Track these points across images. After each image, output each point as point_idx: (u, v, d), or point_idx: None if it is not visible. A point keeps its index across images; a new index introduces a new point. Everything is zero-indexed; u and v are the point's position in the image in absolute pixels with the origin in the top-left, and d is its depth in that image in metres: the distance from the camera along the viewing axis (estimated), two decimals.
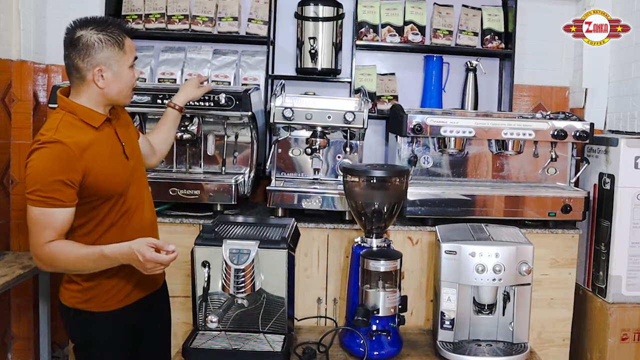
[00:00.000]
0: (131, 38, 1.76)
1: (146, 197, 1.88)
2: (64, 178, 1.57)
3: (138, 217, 1.81)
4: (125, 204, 1.76)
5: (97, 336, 1.80)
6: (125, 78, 1.72)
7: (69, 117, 1.67)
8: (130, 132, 1.88)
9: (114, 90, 1.71)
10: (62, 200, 1.59)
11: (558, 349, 2.65)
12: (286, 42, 3.31)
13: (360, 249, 1.77)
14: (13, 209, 3.02)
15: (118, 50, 1.69)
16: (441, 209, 2.55)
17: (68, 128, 1.64)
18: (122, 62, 1.71)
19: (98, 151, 1.66)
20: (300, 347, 1.71)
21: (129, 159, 1.78)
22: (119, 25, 1.72)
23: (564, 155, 2.72)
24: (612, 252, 2.59)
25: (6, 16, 2.92)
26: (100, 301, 1.77)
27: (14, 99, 3.00)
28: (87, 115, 1.68)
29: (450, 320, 1.74)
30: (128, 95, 1.77)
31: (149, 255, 1.55)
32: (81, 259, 1.61)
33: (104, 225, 1.72)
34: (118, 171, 1.73)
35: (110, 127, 1.76)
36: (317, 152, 2.61)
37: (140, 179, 1.86)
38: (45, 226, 1.59)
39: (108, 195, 1.70)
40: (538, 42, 3.36)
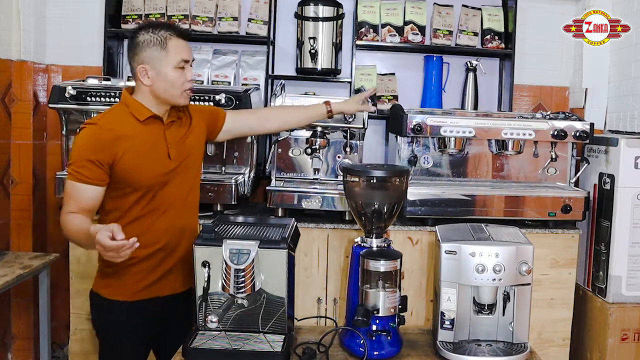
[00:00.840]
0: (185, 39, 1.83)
1: (188, 202, 1.92)
2: (93, 157, 1.72)
3: (168, 218, 1.86)
4: (155, 201, 1.83)
5: (111, 324, 1.89)
6: (170, 77, 1.79)
7: (121, 108, 1.84)
8: (189, 134, 1.92)
9: (160, 89, 1.80)
10: (88, 177, 1.72)
11: (558, 349, 2.65)
12: (286, 42, 3.31)
13: (360, 249, 1.77)
14: (13, 209, 3.02)
15: (160, 50, 1.78)
16: (441, 209, 2.55)
17: (114, 116, 1.81)
18: (165, 62, 1.79)
19: (135, 142, 1.78)
20: (300, 347, 1.71)
21: (172, 160, 1.85)
22: (168, 27, 1.81)
23: (564, 155, 2.72)
24: (612, 252, 2.59)
25: (6, 16, 2.92)
26: (116, 289, 1.86)
27: (14, 99, 3.00)
28: (136, 109, 1.81)
29: (450, 320, 1.74)
30: (178, 95, 1.83)
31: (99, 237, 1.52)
32: (77, 232, 1.70)
33: (130, 216, 1.81)
34: (152, 166, 1.80)
35: (160, 126, 1.85)
36: (317, 152, 2.61)
37: (185, 181, 1.90)
38: (70, 198, 1.75)
39: (135, 185, 1.79)
40: (538, 42, 3.36)
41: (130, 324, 1.87)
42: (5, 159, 2.98)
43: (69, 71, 3.20)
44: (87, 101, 2.51)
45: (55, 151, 3.11)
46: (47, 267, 2.69)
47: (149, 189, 1.81)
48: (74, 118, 2.61)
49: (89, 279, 1.95)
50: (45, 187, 3.16)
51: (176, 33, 1.81)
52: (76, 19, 3.20)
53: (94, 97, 2.51)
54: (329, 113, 2.24)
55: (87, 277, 2.55)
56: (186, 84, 1.83)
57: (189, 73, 1.84)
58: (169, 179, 1.85)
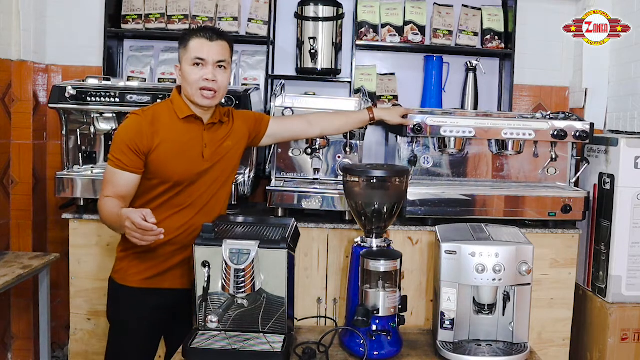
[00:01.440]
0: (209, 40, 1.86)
1: (215, 204, 1.97)
2: (131, 144, 1.81)
3: (185, 216, 1.91)
4: (180, 196, 1.89)
5: (120, 308, 1.96)
6: (187, 76, 1.86)
7: (167, 104, 1.93)
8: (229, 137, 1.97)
9: (183, 86, 1.90)
10: (125, 163, 1.81)
11: (558, 349, 2.65)
12: (286, 42, 3.31)
13: (360, 249, 1.77)
14: (13, 209, 3.03)
15: (183, 49, 1.89)
16: (441, 209, 2.55)
17: (158, 109, 1.90)
18: (184, 60, 1.88)
19: (171, 136, 1.86)
20: (300, 347, 1.71)
21: (205, 160, 1.90)
22: (198, 29, 1.89)
23: (564, 155, 2.72)
24: (612, 252, 2.59)
25: (6, 16, 2.92)
26: (125, 275, 1.93)
27: (14, 99, 3.01)
28: (178, 107, 1.90)
29: (450, 320, 1.74)
30: (194, 94, 1.87)
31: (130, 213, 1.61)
32: (110, 214, 1.77)
33: (155, 205, 1.87)
34: (183, 162, 1.87)
35: (199, 126, 1.91)
36: (317, 152, 2.61)
37: (214, 183, 1.95)
38: (108, 182, 1.84)
39: (165, 178, 1.86)
40: (538, 42, 3.36)
41: (137, 310, 1.92)
42: (5, 159, 2.98)
43: (69, 71, 3.20)
44: (87, 101, 2.51)
45: (55, 151, 3.11)
46: (47, 267, 2.69)
47: (176, 184, 1.88)
48: (74, 118, 2.61)
49: (89, 279, 1.97)
50: (45, 187, 3.16)
51: (201, 34, 1.87)
52: (76, 19, 3.21)
53: (94, 97, 2.51)
54: (371, 119, 2.33)
55: (87, 277, 2.57)
56: (201, 82, 1.85)
57: (204, 72, 1.85)
58: (199, 177, 1.91)
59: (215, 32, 1.89)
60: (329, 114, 2.39)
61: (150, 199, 1.89)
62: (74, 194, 2.55)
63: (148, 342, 1.99)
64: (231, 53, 1.95)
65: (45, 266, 2.67)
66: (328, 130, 2.34)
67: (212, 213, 1.97)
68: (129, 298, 1.94)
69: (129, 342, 1.95)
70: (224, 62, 1.89)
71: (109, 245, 2.54)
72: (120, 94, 2.52)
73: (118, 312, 1.97)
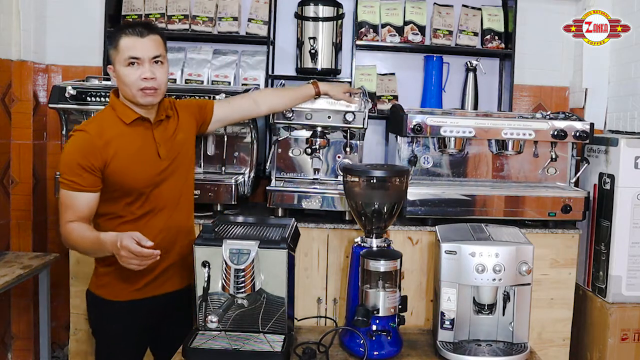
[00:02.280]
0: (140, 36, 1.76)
1: (182, 201, 1.91)
2: (84, 164, 1.71)
3: (163, 219, 1.85)
4: (150, 202, 1.82)
5: (107, 324, 1.88)
6: (124, 77, 1.77)
7: (108, 112, 1.83)
8: (179, 130, 1.90)
9: (121, 88, 1.80)
10: (82, 184, 1.72)
11: (558, 349, 2.65)
12: (286, 42, 3.31)
13: (360, 249, 1.77)
14: (13, 209, 3.03)
15: (114, 50, 1.78)
16: (441, 209, 2.55)
17: (102, 120, 1.80)
18: (117, 61, 1.78)
19: (123, 145, 1.77)
20: (300, 347, 1.71)
21: (163, 160, 1.83)
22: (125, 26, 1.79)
23: (564, 155, 2.72)
24: (612, 252, 2.59)
25: (6, 16, 2.92)
26: (112, 290, 1.85)
27: (14, 99, 3.00)
28: (122, 112, 1.80)
29: (450, 320, 1.74)
30: (134, 94, 1.78)
31: (125, 242, 1.56)
32: (84, 241, 1.70)
33: (125, 218, 1.81)
34: (142, 167, 1.79)
35: (147, 126, 1.83)
36: (317, 152, 2.61)
37: (178, 179, 1.89)
38: (68, 207, 1.73)
39: (128, 188, 1.78)
40: (538, 42, 3.36)
41: (128, 323, 1.87)
42: (5, 159, 2.98)
43: (69, 71, 3.20)
44: (87, 101, 2.51)
45: (55, 151, 3.11)
46: (47, 267, 2.69)
47: (141, 191, 1.80)
48: (74, 118, 2.61)
49: (89, 279, 1.95)
50: (45, 187, 3.16)
51: (130, 31, 1.76)
52: (76, 19, 3.20)
53: (94, 97, 2.51)
54: (316, 94, 2.34)
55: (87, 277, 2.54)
56: (140, 82, 1.75)
57: (141, 71, 1.75)
58: (161, 179, 1.84)
59: (145, 27, 1.79)
60: (274, 90, 2.40)
61: (119, 213, 1.81)
62: None
63: (139, 352, 1.96)
64: (165, 46, 1.85)
65: (45, 266, 2.67)
66: (276, 107, 2.33)
67: (185, 210, 1.94)
68: (120, 312, 1.87)
69: (121, 354, 1.90)
70: (160, 57, 1.80)
71: None
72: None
73: (107, 328, 1.90)
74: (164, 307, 1.93)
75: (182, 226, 1.93)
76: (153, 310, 1.90)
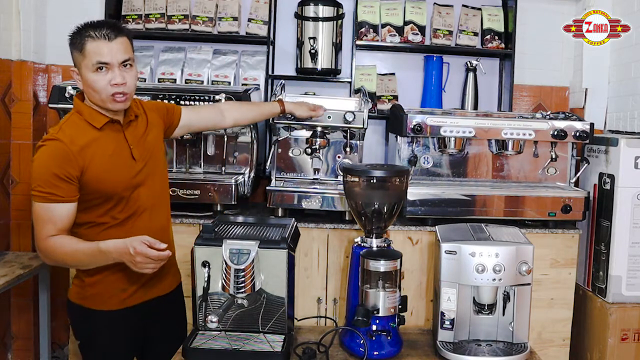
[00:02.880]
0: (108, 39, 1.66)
1: (160, 201, 1.87)
2: (61, 174, 1.62)
3: (145, 221, 1.79)
4: (130, 205, 1.76)
5: (97, 335, 1.82)
6: (93, 83, 1.67)
7: (76, 117, 1.73)
8: (148, 131, 1.84)
9: (88, 94, 1.71)
10: (60, 195, 1.63)
11: (558, 349, 2.65)
12: (286, 42, 3.31)
13: (360, 249, 1.77)
14: (13, 209, 3.02)
15: (78, 54, 1.68)
16: (441, 209, 2.55)
17: (71, 127, 1.70)
18: (84, 66, 1.67)
19: (98, 150, 1.70)
20: (300, 347, 1.71)
21: (137, 161, 1.77)
22: (88, 27, 1.68)
23: (564, 155, 2.72)
24: (612, 252, 2.59)
25: (6, 16, 2.92)
26: (101, 299, 1.79)
27: (14, 99, 3.00)
28: (90, 116, 1.72)
29: (450, 320, 1.74)
30: (104, 100, 1.69)
31: (140, 248, 1.55)
32: (77, 253, 1.64)
33: (107, 224, 1.74)
34: (118, 171, 1.73)
35: (118, 129, 1.76)
36: (317, 152, 2.61)
37: (155, 180, 1.84)
38: (46, 221, 1.63)
39: (107, 193, 1.71)
40: (538, 42, 3.36)
41: (116, 332, 1.82)
42: (5, 159, 2.98)
43: (69, 71, 3.17)
44: None
45: None
46: (47, 267, 2.69)
47: (121, 194, 1.74)
48: None
49: None
50: None
51: (95, 35, 1.65)
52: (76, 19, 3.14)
53: None
54: (281, 112, 2.36)
55: None
56: (109, 88, 1.67)
57: (110, 76, 1.67)
58: (138, 181, 1.78)
59: (113, 29, 1.67)
60: (241, 105, 2.37)
61: (100, 220, 1.74)
62: None
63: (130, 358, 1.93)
64: (133, 47, 1.75)
65: (45, 266, 2.66)
66: (241, 121, 2.30)
67: (165, 211, 1.91)
68: (109, 322, 1.80)
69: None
70: (129, 60, 1.71)
71: None
72: None
73: (94, 339, 1.83)
74: (155, 312, 1.88)
75: (164, 227, 1.89)
76: (143, 316, 1.86)
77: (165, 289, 1.92)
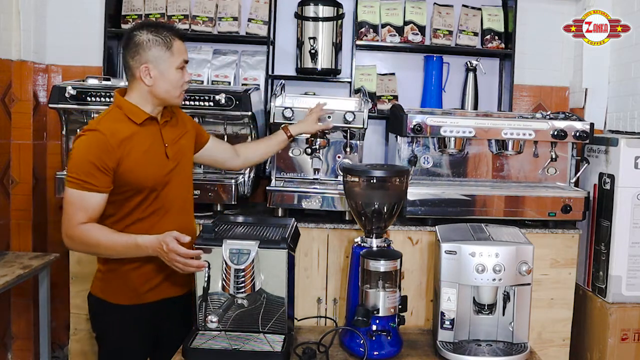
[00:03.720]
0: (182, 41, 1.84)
1: (185, 201, 1.94)
2: (98, 164, 1.69)
3: (170, 218, 1.85)
4: (158, 201, 1.83)
5: (112, 328, 1.87)
6: (172, 78, 1.79)
7: (116, 111, 1.80)
8: (183, 136, 1.93)
9: (161, 89, 1.80)
10: (95, 185, 1.69)
11: (558, 349, 2.65)
12: (286, 42, 3.31)
13: (360, 249, 1.77)
14: (13, 209, 3.02)
15: (165, 51, 1.78)
16: (441, 209, 2.55)
17: (111, 120, 1.77)
18: (169, 62, 1.78)
19: (135, 145, 1.77)
20: (300, 347, 1.71)
21: (170, 160, 1.85)
22: (170, 29, 1.82)
23: (564, 155, 2.72)
24: (612, 252, 2.59)
25: (6, 16, 2.92)
26: (116, 293, 1.85)
27: (14, 99, 3.00)
28: (131, 112, 1.79)
29: (450, 320, 1.74)
30: (176, 96, 1.83)
31: (172, 245, 1.61)
32: (113, 243, 1.70)
33: (132, 217, 1.80)
34: (152, 167, 1.80)
35: (155, 126, 1.84)
36: (317, 152, 2.61)
37: (183, 182, 1.92)
38: (79, 208, 1.69)
39: (138, 187, 1.78)
40: (538, 42, 3.36)
41: (133, 327, 1.86)
42: (5, 159, 2.98)
43: (69, 71, 3.20)
44: (87, 101, 2.51)
45: (55, 151, 3.11)
46: (47, 267, 2.69)
47: (151, 190, 1.80)
48: (74, 118, 2.61)
49: (89, 279, 1.95)
50: (45, 187, 3.16)
51: (177, 35, 1.82)
52: (76, 19, 3.20)
53: (93, 97, 2.51)
54: (289, 138, 2.33)
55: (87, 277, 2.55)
56: (185, 85, 1.85)
57: (186, 74, 1.85)
58: (169, 179, 1.84)
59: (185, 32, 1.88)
60: (252, 144, 2.38)
61: (128, 213, 1.80)
62: None
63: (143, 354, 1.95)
64: None
65: (45, 266, 2.67)
66: (251, 159, 2.29)
67: (189, 211, 1.97)
68: (127, 316, 1.85)
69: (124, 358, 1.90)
70: None
71: None
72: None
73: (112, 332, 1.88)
74: (170, 310, 1.92)
75: (188, 228, 1.91)
76: (159, 313, 1.89)
77: (178, 291, 1.93)
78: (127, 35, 1.80)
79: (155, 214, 1.83)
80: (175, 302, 1.93)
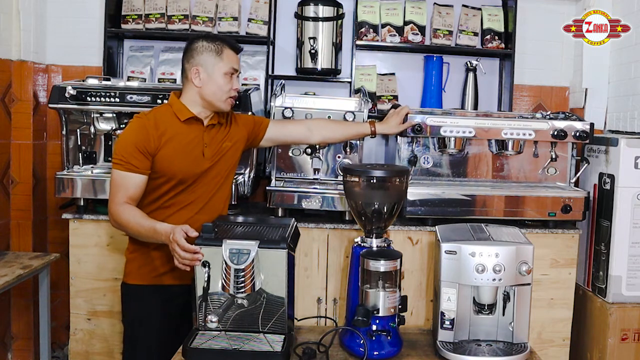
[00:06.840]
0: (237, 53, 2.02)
1: (211, 201, 2.03)
2: (140, 146, 1.87)
3: (188, 214, 1.96)
4: (183, 194, 1.96)
5: (132, 310, 2.02)
6: (219, 82, 1.95)
7: (166, 108, 2.00)
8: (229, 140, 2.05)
9: (209, 91, 1.95)
10: (136, 166, 1.87)
11: (558, 349, 2.65)
12: (286, 42, 3.31)
13: (360, 249, 1.77)
14: (13, 209, 3.03)
15: (215, 56, 1.96)
16: (441, 209, 2.55)
17: (159, 113, 1.97)
18: (217, 67, 1.95)
19: (175, 137, 1.93)
20: (300, 347, 1.71)
21: (205, 159, 1.98)
22: (224, 40, 2.00)
23: (564, 155, 2.72)
24: (612, 252, 2.59)
25: (6, 16, 2.92)
26: (139, 274, 2.00)
27: (14, 99, 3.01)
28: (178, 109, 1.97)
29: (450, 320, 1.74)
30: (223, 100, 1.98)
31: (176, 235, 1.67)
32: (138, 226, 1.83)
33: (154, 205, 1.95)
34: (186, 160, 1.94)
35: (199, 127, 1.98)
36: (317, 152, 2.61)
37: (214, 182, 2.02)
38: (120, 187, 1.87)
39: (170, 175, 1.93)
40: (538, 42, 3.36)
41: (155, 307, 1.97)
42: (5, 159, 2.98)
43: (69, 71, 3.20)
44: (87, 101, 2.51)
45: (55, 151, 3.11)
46: (47, 267, 2.69)
47: (180, 181, 1.94)
48: (74, 118, 2.61)
49: (89, 279, 1.96)
50: (45, 187, 3.16)
51: (230, 45, 1.99)
52: (76, 19, 3.20)
53: (93, 97, 2.51)
54: (372, 133, 2.36)
55: (87, 277, 2.57)
56: (232, 92, 1.98)
57: (235, 82, 1.99)
58: (200, 176, 1.97)
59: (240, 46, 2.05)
60: (329, 122, 2.40)
61: (157, 197, 1.95)
62: (73, 194, 2.55)
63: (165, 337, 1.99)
64: None
65: (45, 266, 2.67)
66: (329, 139, 2.38)
67: (214, 211, 2.02)
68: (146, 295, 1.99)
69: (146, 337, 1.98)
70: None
71: (109, 245, 2.54)
72: (120, 94, 2.52)
73: (133, 312, 2.02)
74: (186, 300, 1.96)
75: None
76: (175, 299, 1.99)
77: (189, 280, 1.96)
78: (188, 43, 2.00)
79: (182, 204, 1.96)
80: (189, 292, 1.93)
